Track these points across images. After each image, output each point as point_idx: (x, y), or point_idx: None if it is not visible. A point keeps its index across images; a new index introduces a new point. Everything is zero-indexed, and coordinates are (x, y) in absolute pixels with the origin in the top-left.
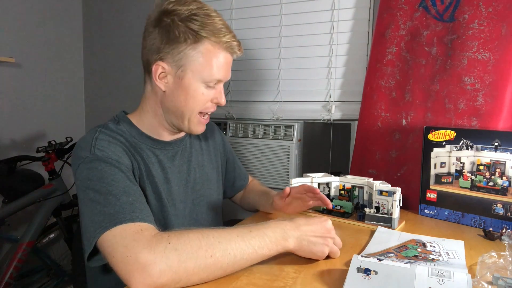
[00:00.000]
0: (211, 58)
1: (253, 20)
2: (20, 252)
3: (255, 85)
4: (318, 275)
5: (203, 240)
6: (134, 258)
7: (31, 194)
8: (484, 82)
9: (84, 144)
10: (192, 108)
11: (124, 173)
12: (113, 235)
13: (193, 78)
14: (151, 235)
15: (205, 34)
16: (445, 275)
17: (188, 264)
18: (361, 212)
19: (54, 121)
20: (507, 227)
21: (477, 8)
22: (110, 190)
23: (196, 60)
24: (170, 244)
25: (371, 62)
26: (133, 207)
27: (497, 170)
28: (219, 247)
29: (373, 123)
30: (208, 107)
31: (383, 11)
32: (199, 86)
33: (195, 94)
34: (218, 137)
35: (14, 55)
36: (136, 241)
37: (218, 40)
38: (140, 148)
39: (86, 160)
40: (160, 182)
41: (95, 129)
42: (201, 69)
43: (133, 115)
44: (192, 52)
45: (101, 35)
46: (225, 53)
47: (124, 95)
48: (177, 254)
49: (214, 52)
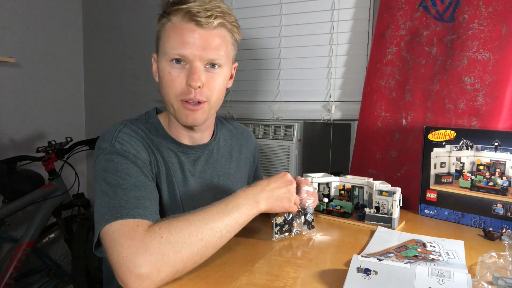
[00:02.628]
0: (169, 31)
1: (253, 20)
2: (20, 252)
3: (255, 85)
4: (318, 275)
5: (191, 226)
6: (130, 261)
7: (31, 194)
8: (484, 82)
9: (107, 136)
10: (167, 93)
11: (139, 168)
12: (112, 230)
13: (162, 59)
14: (144, 231)
15: (165, 7)
16: (445, 275)
17: (183, 253)
18: (361, 212)
19: (54, 121)
20: (507, 227)
21: (477, 8)
22: (120, 183)
23: (160, 39)
24: (163, 238)
25: (371, 62)
26: (138, 203)
27: (497, 170)
28: (206, 228)
29: (373, 123)
30: (185, 92)
31: (383, 11)
32: (165, 65)
33: (163, 75)
34: (251, 146)
35: (14, 55)
36: (132, 240)
37: (175, 9)
38: (163, 148)
39: (105, 152)
40: (178, 183)
41: (122, 122)
42: (162, 46)
43: (162, 115)
44: (161, 34)
45: (101, 35)
46: (184, 22)
47: (124, 95)
48: (171, 247)
49: (175, 25)
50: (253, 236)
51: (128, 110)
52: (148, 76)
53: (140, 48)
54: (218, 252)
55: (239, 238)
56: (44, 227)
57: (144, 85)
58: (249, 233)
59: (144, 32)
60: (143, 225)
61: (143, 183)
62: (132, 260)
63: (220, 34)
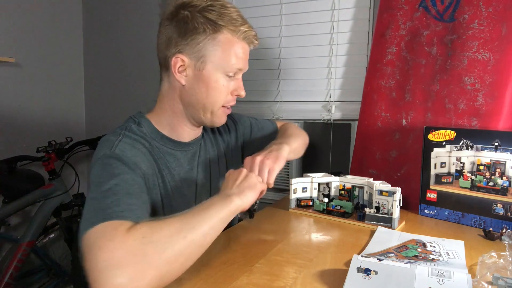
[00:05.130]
0: (230, 48)
1: (253, 20)
2: (20, 252)
3: (255, 85)
4: (318, 275)
5: (172, 226)
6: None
7: (31, 194)
8: (484, 82)
9: (107, 144)
10: (214, 101)
11: (136, 177)
12: (95, 231)
13: (213, 69)
14: (126, 230)
15: (223, 23)
16: (445, 275)
17: (167, 253)
18: (361, 212)
19: (54, 121)
20: (507, 227)
21: (477, 8)
22: (113, 188)
23: (216, 50)
24: (144, 238)
25: (371, 62)
26: (128, 207)
27: (497, 170)
28: (187, 227)
29: (373, 123)
30: (229, 100)
31: (383, 11)
32: (219, 77)
33: (216, 86)
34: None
35: (14, 55)
36: (112, 241)
37: (236, 29)
38: (161, 152)
39: (103, 156)
40: (185, 185)
41: (119, 132)
42: (221, 59)
43: (151, 115)
44: (211, 42)
45: (101, 35)
46: (243, 43)
47: (124, 95)
48: (153, 247)
49: (233, 41)
50: (253, 236)
51: (128, 110)
52: (148, 76)
53: (140, 48)
54: (218, 252)
55: (239, 238)
56: (44, 227)
57: (144, 85)
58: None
59: (144, 32)
60: (126, 225)
61: (137, 193)
62: (111, 265)
63: None
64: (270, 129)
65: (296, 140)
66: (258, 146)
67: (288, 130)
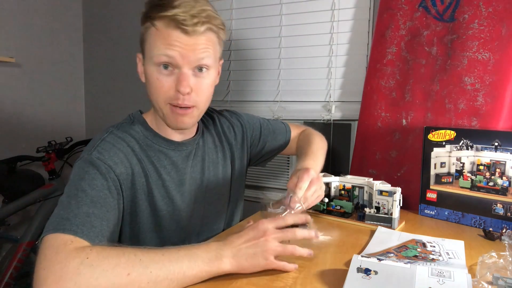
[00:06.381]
0: (154, 37)
1: (253, 20)
2: (20, 252)
3: (255, 85)
4: (318, 275)
5: (123, 257)
6: (46, 273)
7: (31, 194)
8: (484, 82)
9: (91, 143)
10: (155, 98)
11: (106, 182)
12: (48, 240)
13: (148, 63)
14: (74, 248)
15: (150, 12)
16: (445, 275)
17: (100, 281)
18: (361, 212)
19: (54, 121)
20: (507, 227)
21: (477, 8)
22: (78, 195)
23: (146, 42)
24: (87, 259)
25: (371, 62)
26: (86, 220)
27: (497, 170)
28: (139, 265)
29: (373, 123)
30: (172, 97)
31: (383, 11)
32: (152, 70)
33: (151, 80)
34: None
35: (14, 55)
36: (57, 254)
37: (159, 15)
38: (152, 151)
39: (82, 159)
40: (174, 185)
41: (108, 129)
42: (149, 50)
43: (147, 114)
44: (143, 37)
45: (101, 35)
46: (170, 29)
47: (124, 95)
48: (91, 270)
49: (157, 29)
50: None
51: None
52: None
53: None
54: None
55: None
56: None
57: (144, 85)
58: None
59: None
60: (78, 243)
61: (102, 200)
62: (47, 276)
63: (206, 38)
64: (282, 133)
65: (323, 156)
66: (268, 150)
67: (313, 145)
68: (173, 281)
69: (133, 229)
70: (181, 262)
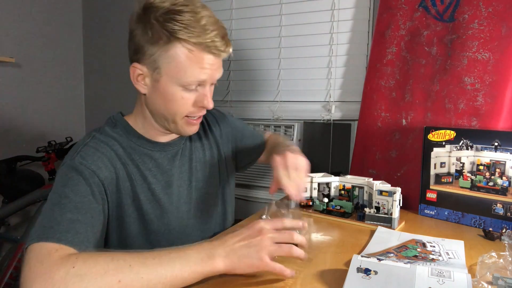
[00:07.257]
0: (187, 61)
1: (253, 20)
2: (20, 252)
3: (255, 85)
4: (318, 275)
5: (112, 264)
6: (30, 286)
7: (31, 194)
8: (484, 82)
9: (74, 148)
10: (173, 113)
11: (90, 187)
12: (31, 250)
13: (169, 82)
14: (59, 257)
15: (180, 35)
16: (445, 275)
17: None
18: (361, 212)
19: (54, 121)
20: (507, 227)
21: (477, 8)
22: (61, 202)
23: (170, 63)
24: (74, 268)
25: (371, 62)
26: (70, 227)
27: (497, 170)
28: (129, 270)
29: (373, 123)
30: (193, 112)
31: (383, 11)
32: (176, 90)
33: (173, 99)
34: (218, 129)
35: (14, 55)
36: (41, 264)
37: (195, 41)
38: (137, 154)
39: (64, 165)
40: (161, 187)
41: (90, 133)
42: (176, 72)
43: (130, 116)
44: (164, 55)
45: (101, 35)
46: (204, 53)
47: (124, 95)
48: (78, 280)
49: (191, 54)
50: None
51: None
52: None
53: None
54: None
55: None
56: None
57: None
58: None
59: None
60: (63, 251)
61: (86, 206)
62: (31, 285)
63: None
64: (258, 135)
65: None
66: (247, 153)
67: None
68: (166, 285)
69: (120, 235)
70: (173, 264)
